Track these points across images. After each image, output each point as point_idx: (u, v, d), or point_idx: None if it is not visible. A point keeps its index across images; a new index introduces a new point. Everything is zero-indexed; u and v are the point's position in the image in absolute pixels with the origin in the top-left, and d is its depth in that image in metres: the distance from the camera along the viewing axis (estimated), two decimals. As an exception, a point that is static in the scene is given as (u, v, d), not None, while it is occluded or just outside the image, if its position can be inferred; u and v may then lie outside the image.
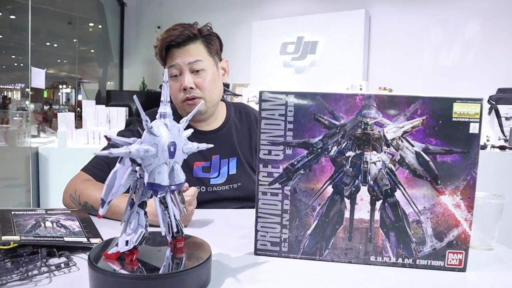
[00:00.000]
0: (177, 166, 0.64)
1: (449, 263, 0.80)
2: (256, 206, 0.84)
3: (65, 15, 5.88)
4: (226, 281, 0.72)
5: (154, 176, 0.61)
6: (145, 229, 0.67)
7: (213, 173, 1.33)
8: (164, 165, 0.62)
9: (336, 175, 0.80)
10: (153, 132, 0.60)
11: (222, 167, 1.34)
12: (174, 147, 0.62)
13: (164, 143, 0.62)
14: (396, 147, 0.78)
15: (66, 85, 6.32)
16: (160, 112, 0.65)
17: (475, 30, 4.04)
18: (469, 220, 0.79)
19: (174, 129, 0.65)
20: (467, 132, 0.77)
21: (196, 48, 1.29)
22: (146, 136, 0.62)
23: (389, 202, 0.80)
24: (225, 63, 1.42)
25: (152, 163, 0.62)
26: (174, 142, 0.62)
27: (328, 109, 0.79)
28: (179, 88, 1.28)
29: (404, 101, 0.77)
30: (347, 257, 0.82)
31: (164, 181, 0.61)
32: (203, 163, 1.32)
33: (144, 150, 0.59)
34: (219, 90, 1.36)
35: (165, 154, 0.62)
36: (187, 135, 0.73)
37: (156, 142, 0.61)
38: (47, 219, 0.96)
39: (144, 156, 0.60)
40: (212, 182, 1.33)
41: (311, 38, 4.80)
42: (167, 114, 0.65)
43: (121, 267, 0.66)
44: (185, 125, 0.69)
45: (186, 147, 0.66)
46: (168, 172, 0.63)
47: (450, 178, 0.78)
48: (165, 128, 0.63)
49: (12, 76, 5.19)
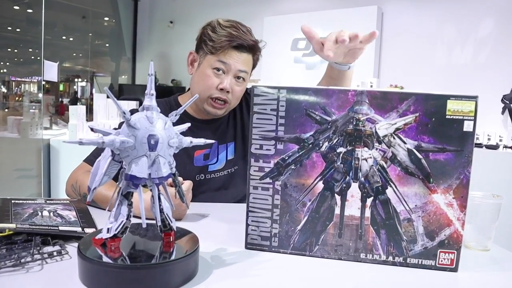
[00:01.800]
0: (161, 159, 0.64)
1: (440, 263, 0.79)
2: (247, 200, 0.84)
3: (80, 9, 5.95)
4: (214, 273, 0.73)
5: (132, 167, 0.62)
6: (126, 219, 0.68)
7: (212, 159, 1.36)
8: (143, 157, 0.62)
9: (327, 171, 0.80)
10: (131, 124, 0.61)
11: (220, 153, 1.37)
12: (155, 140, 0.62)
13: (143, 136, 0.62)
14: (388, 144, 0.78)
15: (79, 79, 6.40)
16: (144, 105, 0.65)
17: (489, 28, 3.97)
18: (462, 220, 0.78)
19: (159, 122, 0.65)
20: (461, 130, 0.76)
21: (249, 59, 1.31)
22: (124, 128, 0.62)
23: (380, 199, 0.79)
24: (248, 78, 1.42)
25: (130, 155, 0.62)
26: (155, 135, 0.63)
27: (320, 105, 0.79)
28: (216, 85, 1.28)
29: (396, 98, 0.77)
30: (337, 253, 0.81)
31: (142, 173, 0.62)
32: (204, 151, 1.34)
33: (121, 141, 0.60)
34: (240, 100, 1.39)
35: (144, 147, 0.62)
36: (181, 130, 0.73)
37: (135, 134, 0.62)
38: (45, 208, 0.98)
39: (121, 147, 0.60)
40: (210, 168, 1.35)
41: (322, 34, 4.71)
42: (151, 107, 0.65)
43: (108, 256, 0.67)
44: (174, 118, 0.69)
45: (173, 141, 0.66)
46: (150, 165, 0.63)
47: (442, 177, 0.77)
48: (146, 121, 0.63)
49: (30, 69, 5.28)
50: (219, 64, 1.27)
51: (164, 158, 0.65)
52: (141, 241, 0.78)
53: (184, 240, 0.77)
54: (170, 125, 0.67)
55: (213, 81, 1.28)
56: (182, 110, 0.69)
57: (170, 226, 0.73)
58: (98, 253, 0.67)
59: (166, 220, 0.72)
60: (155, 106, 0.65)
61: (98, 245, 0.69)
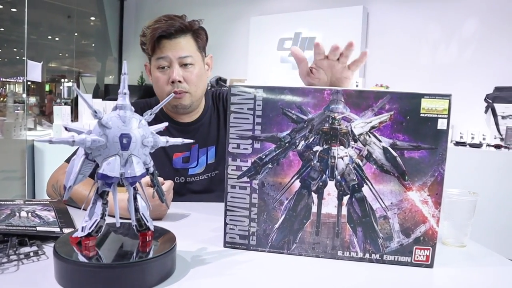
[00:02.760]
0: (135, 159, 0.64)
1: (416, 259, 0.80)
2: (225, 199, 0.84)
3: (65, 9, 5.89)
4: (191, 272, 0.73)
5: (103, 166, 0.62)
6: (100, 218, 0.67)
7: (192, 163, 1.35)
8: (115, 156, 0.62)
9: (303, 170, 0.80)
10: (103, 123, 0.61)
11: (200, 157, 1.36)
12: (127, 139, 0.62)
13: (115, 135, 0.62)
14: (363, 142, 0.79)
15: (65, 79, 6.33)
16: (117, 104, 0.65)
17: (473, 28, 4.02)
18: (437, 217, 0.79)
19: (132, 121, 0.65)
20: (435, 128, 0.77)
21: (187, 42, 1.29)
22: (96, 127, 0.62)
23: (356, 197, 0.80)
24: (210, 59, 1.42)
25: (102, 154, 0.62)
26: (127, 134, 0.62)
27: (296, 104, 0.79)
28: (167, 81, 1.28)
29: (372, 96, 0.78)
30: (315, 251, 0.82)
31: (113, 172, 0.61)
32: (183, 154, 1.34)
33: (92, 140, 0.60)
34: (204, 85, 1.37)
35: (116, 146, 0.62)
36: (158, 129, 0.73)
37: (106, 133, 0.62)
38: (23, 209, 0.97)
39: (92, 146, 0.60)
40: (190, 172, 1.34)
41: (308, 34, 4.79)
42: (124, 106, 0.65)
43: (83, 255, 0.67)
44: (149, 117, 0.69)
45: (148, 140, 0.66)
46: (122, 164, 0.63)
47: (417, 174, 0.78)
48: (118, 120, 0.63)
49: (15, 69, 5.22)
50: (160, 61, 1.28)
51: (138, 157, 0.65)
52: (120, 240, 0.78)
53: (161, 239, 0.77)
54: (144, 124, 0.67)
55: (163, 79, 1.29)
56: (157, 109, 0.69)
57: (146, 226, 0.72)
58: (73, 253, 0.67)
59: (142, 220, 0.71)
60: (128, 105, 0.65)
61: (74, 243, 0.69)
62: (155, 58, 1.30)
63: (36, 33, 5.76)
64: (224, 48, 5.51)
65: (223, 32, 5.55)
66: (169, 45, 1.27)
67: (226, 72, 4.97)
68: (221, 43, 5.49)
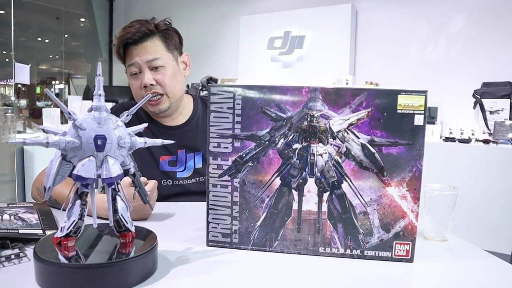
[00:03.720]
0: (111, 160, 0.64)
1: (396, 254, 0.81)
2: (207, 198, 0.85)
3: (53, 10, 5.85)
4: (173, 271, 0.73)
5: (78, 167, 0.62)
6: (78, 219, 0.68)
7: (180, 167, 1.34)
8: (90, 157, 0.62)
9: (283, 167, 0.81)
10: (77, 125, 0.61)
11: (188, 161, 1.35)
12: (102, 141, 0.62)
13: (89, 136, 0.62)
14: (342, 139, 0.79)
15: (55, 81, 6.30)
16: (92, 106, 0.65)
17: (460, 24, 4.06)
18: (416, 212, 0.80)
19: (108, 122, 0.65)
20: (412, 124, 0.78)
21: (154, 44, 1.29)
22: (70, 129, 0.62)
23: (336, 194, 0.81)
24: (186, 57, 1.41)
25: (77, 155, 0.62)
26: (102, 135, 0.63)
27: (274, 102, 0.80)
28: (140, 86, 1.29)
29: (349, 94, 0.78)
30: (296, 248, 0.83)
31: (87, 173, 0.62)
32: (169, 157, 1.33)
33: (66, 142, 0.60)
34: (180, 85, 1.36)
35: (90, 147, 0.62)
36: (136, 130, 0.72)
37: (81, 134, 0.62)
38: (6, 212, 0.96)
39: (67, 148, 0.61)
40: (178, 175, 1.34)
41: (298, 33, 4.80)
42: (99, 107, 0.65)
43: (62, 255, 0.67)
44: (126, 119, 0.69)
45: (124, 141, 0.66)
46: (99, 165, 0.63)
47: (395, 170, 0.79)
48: (93, 121, 0.63)
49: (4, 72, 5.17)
50: (131, 68, 1.30)
51: (115, 158, 0.65)
52: (101, 240, 0.78)
53: (142, 239, 0.77)
54: (121, 125, 0.67)
55: (136, 85, 1.30)
56: (134, 110, 0.69)
57: (126, 227, 0.72)
58: (53, 254, 0.67)
59: (121, 221, 0.71)
60: (103, 107, 0.65)
61: (55, 244, 0.70)
62: (127, 66, 1.31)
63: (25, 35, 5.72)
64: (215, 48, 5.51)
65: (213, 32, 5.55)
66: (136, 50, 1.28)
67: (217, 72, 4.97)
68: (212, 43, 5.49)
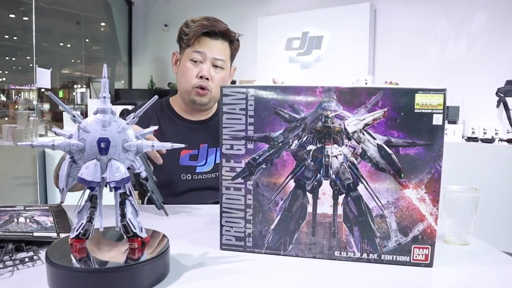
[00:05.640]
0: (115, 163, 0.63)
1: (415, 258, 0.78)
2: (220, 201, 0.84)
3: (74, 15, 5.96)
4: (185, 275, 0.72)
5: (82, 170, 0.61)
6: (87, 221, 0.67)
7: (201, 161, 1.37)
8: (93, 160, 0.62)
9: (297, 169, 0.79)
10: (81, 127, 0.61)
11: (209, 156, 1.39)
12: (106, 144, 0.62)
13: (93, 139, 0.62)
14: (357, 140, 0.77)
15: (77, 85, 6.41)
16: (98, 108, 0.65)
17: (482, 21, 3.95)
18: (435, 214, 0.77)
19: (113, 125, 0.64)
20: (430, 123, 0.75)
21: (224, 47, 1.37)
22: (76, 131, 0.62)
23: (352, 196, 0.78)
24: (233, 71, 1.49)
25: (82, 158, 0.62)
26: (106, 138, 0.62)
27: (288, 103, 0.78)
28: (196, 74, 1.33)
29: (364, 93, 0.76)
30: (311, 252, 0.81)
31: (90, 176, 0.61)
32: (190, 152, 1.36)
33: (71, 145, 0.59)
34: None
35: (94, 150, 0.62)
36: (145, 133, 0.71)
37: (85, 137, 0.62)
38: (22, 215, 0.97)
39: (73, 150, 0.60)
40: (198, 170, 1.37)
41: (316, 33, 4.76)
42: (104, 109, 0.64)
43: (74, 256, 0.67)
44: (132, 121, 0.67)
45: (130, 144, 0.65)
46: (104, 168, 0.63)
47: (413, 171, 0.76)
48: (97, 124, 0.63)
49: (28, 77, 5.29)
50: (195, 54, 1.33)
51: (120, 162, 0.64)
52: (114, 244, 0.78)
53: (155, 242, 0.76)
54: (126, 128, 0.66)
55: (192, 71, 1.34)
56: (140, 112, 0.67)
57: (133, 232, 0.71)
58: (65, 258, 0.67)
59: (128, 226, 0.70)
60: (108, 109, 0.65)
61: (69, 244, 0.70)
62: (191, 50, 1.34)
63: (47, 40, 5.84)
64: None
65: (231, 34, 5.54)
66: (209, 43, 1.34)
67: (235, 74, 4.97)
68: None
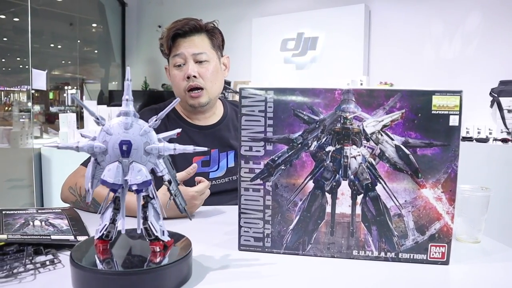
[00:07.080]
0: (136, 166, 0.63)
1: (431, 256, 0.80)
2: (238, 202, 0.84)
3: (67, 16, 5.91)
4: (207, 277, 0.73)
5: (105, 172, 0.62)
6: (110, 223, 0.68)
7: (213, 167, 1.37)
8: (115, 163, 0.62)
9: (316, 170, 0.80)
10: (105, 130, 0.61)
11: (221, 160, 1.39)
12: (128, 146, 0.62)
13: (115, 141, 0.62)
14: (375, 141, 0.79)
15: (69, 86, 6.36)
16: (120, 111, 0.65)
17: (476, 22, 4.00)
18: (451, 213, 0.79)
19: (135, 128, 0.64)
20: (447, 124, 0.77)
21: (201, 40, 1.36)
22: (99, 134, 0.63)
23: (370, 196, 0.80)
24: (226, 59, 1.48)
25: (105, 160, 0.63)
26: (128, 141, 0.62)
27: (307, 104, 0.79)
28: (183, 77, 1.33)
29: (382, 95, 0.77)
30: (330, 251, 0.82)
31: (111, 179, 0.61)
32: (202, 158, 1.36)
33: (94, 147, 0.60)
34: (220, 83, 1.42)
35: (116, 152, 0.62)
36: (168, 136, 0.70)
37: (108, 139, 0.62)
38: (37, 218, 0.97)
39: (96, 153, 0.61)
40: (211, 175, 1.36)
41: (311, 34, 4.78)
42: (126, 112, 0.65)
43: (101, 261, 0.67)
44: (155, 124, 0.67)
45: (151, 147, 0.65)
46: (126, 171, 0.63)
47: (430, 171, 0.78)
48: (120, 127, 0.63)
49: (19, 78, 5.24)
50: (176, 59, 1.34)
51: (142, 164, 0.64)
52: (138, 246, 0.78)
53: (177, 244, 0.77)
54: (148, 131, 0.66)
55: (179, 76, 1.34)
56: (163, 115, 0.67)
57: (155, 236, 0.71)
58: (90, 260, 0.67)
59: (149, 229, 0.70)
60: (131, 112, 0.65)
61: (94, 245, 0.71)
62: (171, 57, 1.35)
63: (39, 41, 5.79)
64: (227, 50, 5.47)
65: (226, 34, 5.50)
66: (183, 42, 1.34)
67: (230, 75, 4.93)
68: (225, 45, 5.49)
